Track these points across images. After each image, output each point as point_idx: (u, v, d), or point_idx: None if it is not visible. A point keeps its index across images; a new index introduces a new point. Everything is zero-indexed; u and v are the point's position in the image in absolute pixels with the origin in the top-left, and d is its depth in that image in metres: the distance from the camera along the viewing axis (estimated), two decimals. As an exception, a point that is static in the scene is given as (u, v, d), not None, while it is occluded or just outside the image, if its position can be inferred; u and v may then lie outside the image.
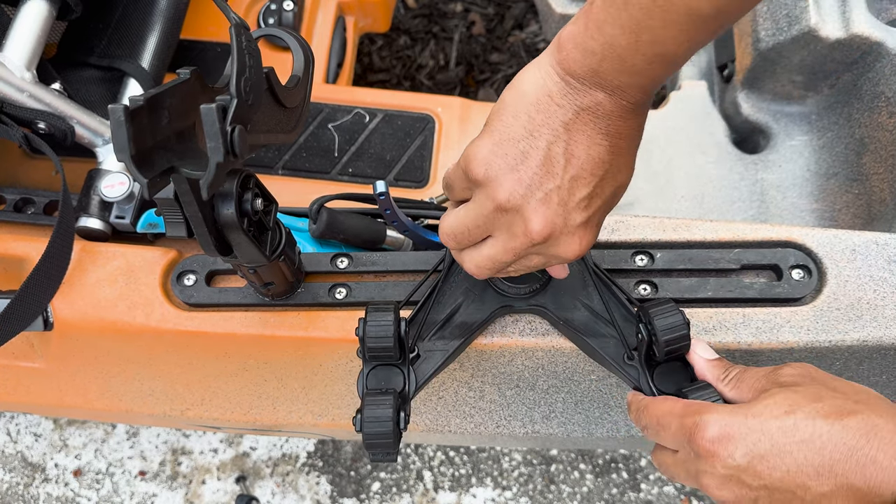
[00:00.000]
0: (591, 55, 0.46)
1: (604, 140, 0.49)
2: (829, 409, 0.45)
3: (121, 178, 0.79)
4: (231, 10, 0.50)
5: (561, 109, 0.48)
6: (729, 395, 0.54)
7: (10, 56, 0.74)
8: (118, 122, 0.41)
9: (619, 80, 0.47)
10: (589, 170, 0.49)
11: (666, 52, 0.45)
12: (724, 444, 0.47)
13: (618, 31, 0.45)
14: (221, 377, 0.80)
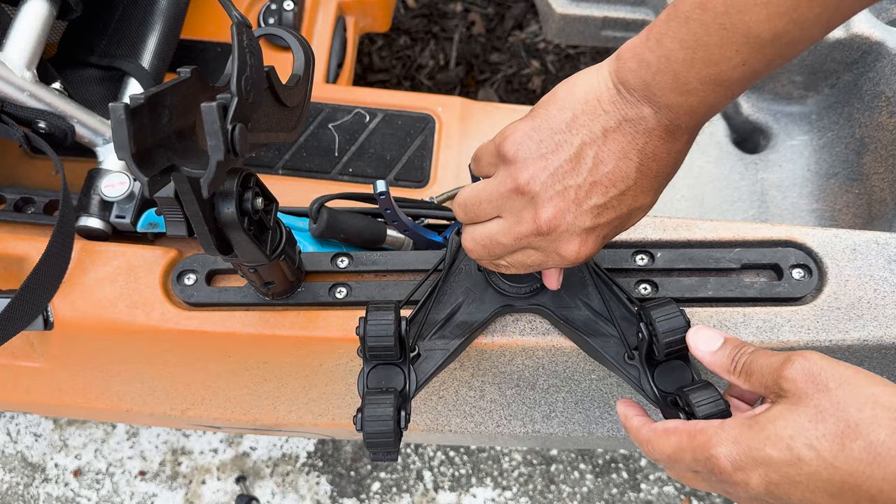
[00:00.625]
0: (646, 67, 0.47)
1: (636, 157, 0.49)
2: (833, 435, 0.44)
3: (121, 178, 0.79)
4: (234, 8, 0.50)
5: (605, 115, 0.49)
6: (741, 385, 0.53)
7: (10, 55, 0.74)
8: (119, 120, 0.41)
9: (668, 98, 0.47)
10: (611, 180, 0.50)
11: (720, 74, 0.45)
12: (739, 473, 0.47)
13: (676, 46, 0.45)
14: (222, 377, 0.80)
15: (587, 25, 1.30)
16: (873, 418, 0.44)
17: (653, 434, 0.55)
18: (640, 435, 0.56)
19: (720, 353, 0.55)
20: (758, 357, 0.52)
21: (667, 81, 0.47)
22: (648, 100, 0.48)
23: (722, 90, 0.47)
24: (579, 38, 1.35)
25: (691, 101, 0.47)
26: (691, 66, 0.45)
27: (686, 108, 0.47)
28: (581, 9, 1.28)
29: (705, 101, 0.47)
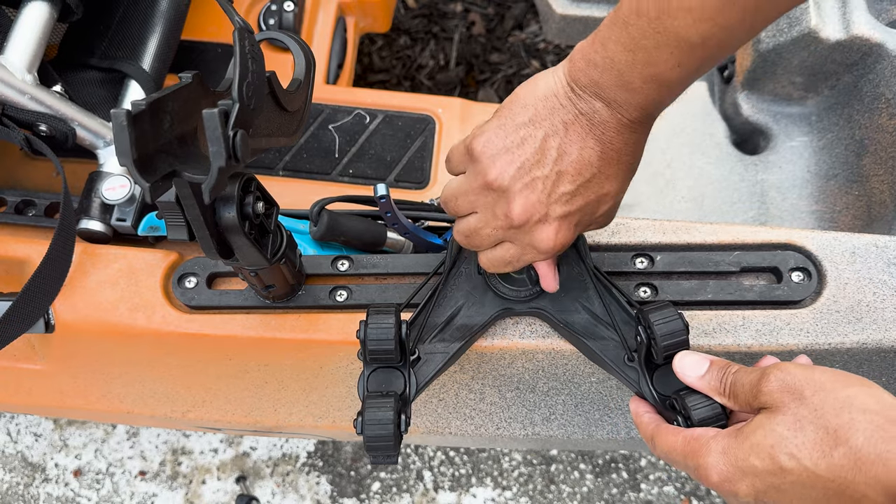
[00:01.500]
0: (593, 67, 0.51)
1: (596, 145, 0.52)
2: (812, 443, 0.45)
3: (122, 181, 0.79)
4: (235, 14, 0.50)
5: (563, 109, 0.52)
6: (732, 407, 0.54)
7: (11, 58, 0.74)
8: (120, 126, 0.41)
9: (616, 95, 0.51)
10: (576, 168, 0.52)
11: (659, 74, 0.49)
12: (727, 485, 0.48)
13: (618, 48, 0.49)
14: (222, 379, 0.80)
15: (587, 26, 1.30)
16: (851, 422, 0.44)
17: (657, 432, 0.57)
18: (647, 431, 0.58)
19: (707, 376, 0.56)
20: (740, 376, 0.53)
21: (612, 80, 0.50)
22: (598, 96, 0.51)
23: (664, 89, 0.50)
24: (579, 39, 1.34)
25: (637, 98, 0.50)
26: (633, 66, 0.49)
27: (634, 104, 0.51)
28: (581, 9, 1.28)
29: (649, 97, 0.50)
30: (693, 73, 0.50)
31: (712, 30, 0.46)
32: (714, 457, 0.49)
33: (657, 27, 0.47)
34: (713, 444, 0.50)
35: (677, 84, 0.50)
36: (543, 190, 0.53)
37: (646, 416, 0.60)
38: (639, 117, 0.52)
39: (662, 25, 0.46)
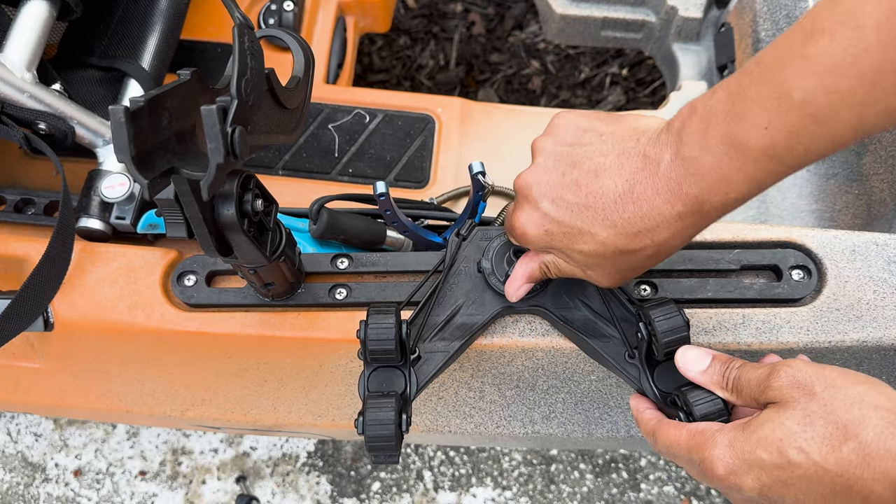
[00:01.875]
0: (690, 111, 0.47)
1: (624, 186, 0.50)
2: (822, 437, 0.44)
3: (121, 179, 0.79)
4: (236, 10, 0.50)
5: (635, 143, 0.51)
6: (735, 402, 0.54)
7: (10, 56, 0.74)
8: (119, 123, 0.41)
9: (688, 149, 0.46)
10: (591, 191, 0.51)
11: (738, 134, 0.44)
12: (733, 478, 0.48)
13: (723, 96, 0.45)
14: (222, 377, 0.80)
15: (587, 26, 1.30)
16: (861, 418, 0.44)
17: (658, 427, 0.56)
18: (649, 427, 0.58)
19: (710, 370, 0.56)
20: (745, 371, 0.53)
21: (697, 130, 0.46)
22: (674, 145, 0.48)
23: (736, 157, 0.44)
24: (579, 39, 1.34)
25: (704, 160, 0.45)
26: (723, 118, 0.44)
27: (696, 170, 0.46)
28: (581, 9, 1.28)
29: (716, 167, 0.45)
30: (772, 153, 0.43)
31: (816, 91, 0.40)
32: (720, 449, 0.49)
33: (765, 74, 0.42)
34: (719, 437, 0.49)
35: (751, 157, 0.44)
36: (553, 181, 0.53)
37: (647, 412, 0.60)
38: (689, 194, 0.47)
39: (770, 73, 0.42)
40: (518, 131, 1.05)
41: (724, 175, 0.45)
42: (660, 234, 0.50)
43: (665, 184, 0.48)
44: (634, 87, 1.83)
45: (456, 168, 1.01)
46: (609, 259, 0.53)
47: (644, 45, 1.34)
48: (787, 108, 0.41)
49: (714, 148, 0.45)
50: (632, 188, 0.49)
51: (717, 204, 0.47)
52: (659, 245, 0.51)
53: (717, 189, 0.46)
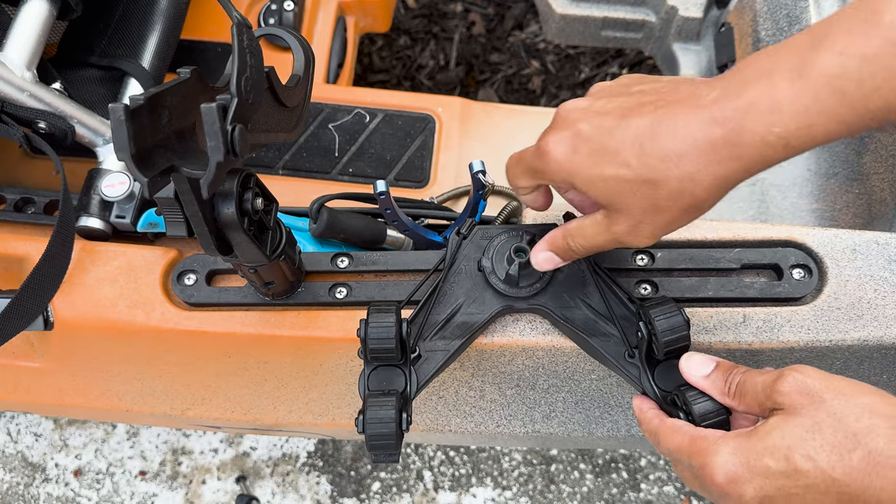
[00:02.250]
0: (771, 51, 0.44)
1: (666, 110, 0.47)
2: (831, 446, 0.43)
3: (121, 178, 0.79)
4: (234, 9, 0.50)
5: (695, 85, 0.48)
6: (737, 407, 0.53)
7: (10, 56, 0.74)
8: (118, 121, 0.41)
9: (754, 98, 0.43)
10: (631, 134, 0.48)
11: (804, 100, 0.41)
12: (733, 486, 0.47)
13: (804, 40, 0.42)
14: (222, 377, 0.80)
15: (587, 25, 1.30)
16: (871, 428, 0.43)
17: (661, 428, 0.55)
18: (651, 427, 0.57)
19: (713, 376, 0.55)
20: (750, 376, 0.52)
21: (757, 61, 0.43)
22: (727, 79, 0.45)
23: (795, 81, 0.41)
24: (579, 39, 1.34)
25: (756, 87, 0.42)
26: (794, 48, 0.41)
27: (743, 96, 0.43)
28: (581, 9, 1.28)
29: (767, 93, 0.42)
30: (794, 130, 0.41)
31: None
32: (723, 456, 0.47)
33: (858, 3, 0.39)
34: (721, 443, 0.48)
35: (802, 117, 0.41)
36: (597, 108, 0.50)
37: (649, 413, 0.59)
38: (729, 122, 0.43)
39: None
40: (518, 131, 1.05)
41: (774, 102, 0.42)
42: (687, 164, 0.45)
43: (707, 110, 0.45)
44: (634, 87, 1.82)
45: (456, 168, 1.01)
46: (631, 192, 0.48)
47: (644, 45, 1.34)
48: (872, 30, 0.38)
49: (772, 74, 0.42)
50: (671, 112, 0.46)
51: (758, 139, 0.42)
52: (684, 179, 0.46)
53: (763, 119, 0.42)
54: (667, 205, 0.48)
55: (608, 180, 0.48)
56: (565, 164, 0.50)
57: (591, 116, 0.50)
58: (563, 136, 0.50)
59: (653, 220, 0.49)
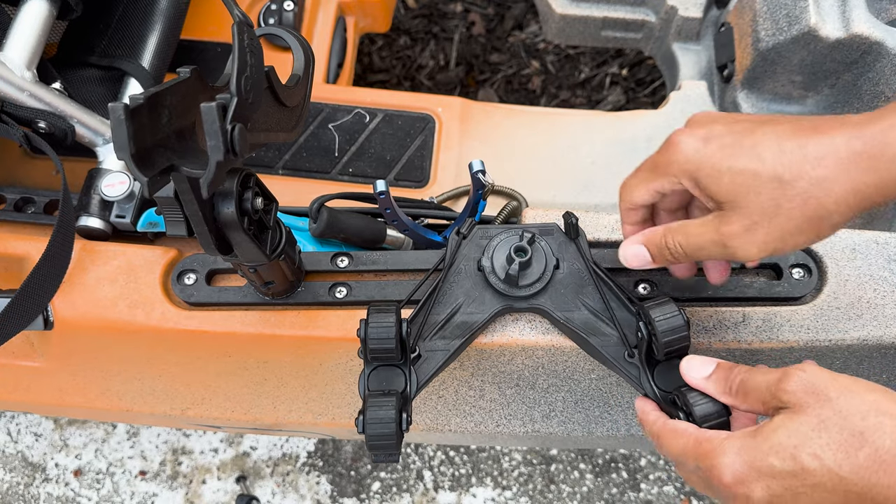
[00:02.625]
0: None
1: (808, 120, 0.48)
2: (837, 444, 0.43)
3: (121, 178, 0.79)
4: (236, 7, 0.50)
5: None
6: (739, 406, 0.53)
7: (10, 55, 0.74)
8: (118, 120, 0.41)
9: None
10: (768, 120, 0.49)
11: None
12: (741, 486, 0.46)
13: None
14: (222, 376, 0.80)
15: (587, 25, 1.30)
16: (878, 425, 0.43)
17: (663, 431, 0.55)
18: (653, 429, 0.57)
19: (714, 377, 0.55)
20: (753, 375, 0.52)
21: None
22: (877, 111, 0.46)
23: None
24: (579, 39, 1.34)
25: None
26: None
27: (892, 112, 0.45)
28: (581, 9, 1.28)
29: None
30: None
31: None
32: (729, 457, 0.47)
33: None
34: (727, 444, 0.48)
35: None
36: (728, 117, 0.52)
37: (652, 415, 0.59)
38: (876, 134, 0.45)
39: None
40: (518, 131, 1.05)
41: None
42: (824, 167, 0.45)
43: (850, 127, 0.45)
44: (634, 87, 1.83)
45: (456, 167, 1.01)
46: (756, 189, 0.47)
47: (644, 45, 1.34)
48: None
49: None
50: (813, 124, 0.47)
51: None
52: (816, 182, 0.45)
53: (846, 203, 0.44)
54: (789, 207, 0.46)
55: (737, 173, 0.48)
56: (693, 155, 0.50)
57: (726, 121, 0.51)
58: (694, 131, 0.51)
59: (769, 223, 0.48)
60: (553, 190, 1.02)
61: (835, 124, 0.46)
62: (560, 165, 1.04)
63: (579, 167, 1.04)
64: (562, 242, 0.70)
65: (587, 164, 1.04)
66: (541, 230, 0.71)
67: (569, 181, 1.03)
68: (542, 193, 1.02)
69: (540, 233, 0.70)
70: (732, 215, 0.49)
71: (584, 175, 1.04)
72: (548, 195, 1.02)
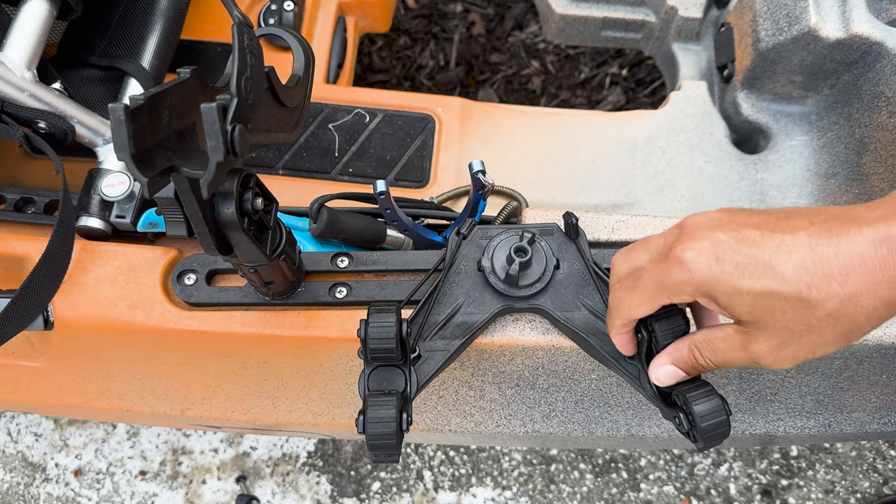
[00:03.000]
0: None
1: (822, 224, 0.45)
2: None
3: (121, 178, 0.79)
4: (236, 7, 0.50)
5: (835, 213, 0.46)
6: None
7: (10, 55, 0.74)
8: (118, 120, 0.41)
9: None
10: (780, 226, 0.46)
11: None
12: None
13: None
14: (222, 376, 0.80)
15: (587, 26, 1.30)
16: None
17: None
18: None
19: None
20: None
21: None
22: (891, 202, 0.43)
23: None
24: (579, 39, 1.35)
25: None
26: None
27: None
28: (581, 9, 1.28)
29: None
30: None
31: None
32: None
33: None
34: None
35: None
36: (729, 220, 0.48)
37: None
38: None
39: None
40: (518, 131, 1.05)
41: None
42: (852, 283, 0.42)
43: (872, 229, 0.42)
44: (634, 87, 1.83)
45: (456, 168, 1.01)
46: (782, 310, 0.45)
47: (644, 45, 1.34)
48: None
49: None
50: (829, 228, 0.43)
51: None
52: (846, 300, 0.43)
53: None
54: (820, 327, 0.44)
55: (758, 296, 0.45)
56: (706, 275, 0.46)
57: (730, 227, 0.47)
58: (701, 245, 0.47)
59: (799, 342, 0.45)
60: (553, 190, 1.02)
61: (850, 226, 0.43)
62: (560, 165, 1.04)
63: (579, 167, 1.04)
64: (562, 242, 0.71)
65: (587, 164, 1.04)
66: (541, 230, 0.71)
67: (569, 181, 1.03)
68: (542, 193, 1.02)
69: (540, 233, 0.70)
70: (759, 335, 0.47)
71: (584, 175, 1.04)
72: (548, 195, 1.02)
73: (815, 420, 0.81)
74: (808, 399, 0.79)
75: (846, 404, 0.81)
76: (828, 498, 1.55)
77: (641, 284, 0.51)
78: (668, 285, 0.49)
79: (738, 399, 0.78)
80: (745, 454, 1.59)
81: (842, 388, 0.78)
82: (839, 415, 0.82)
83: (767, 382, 0.77)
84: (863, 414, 0.82)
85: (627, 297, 0.53)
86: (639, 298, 0.52)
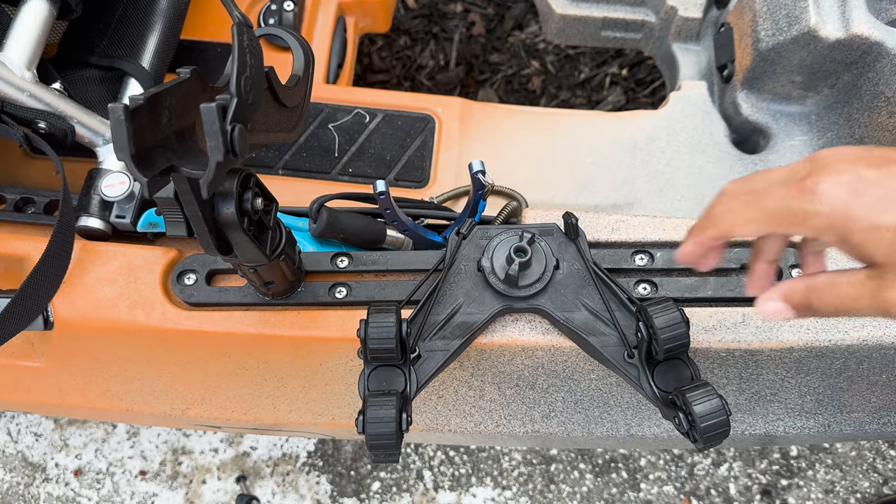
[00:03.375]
0: None
1: None
2: None
3: (121, 178, 0.79)
4: (235, 8, 0.50)
5: None
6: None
7: (10, 56, 0.74)
8: (118, 120, 0.41)
9: None
10: None
11: None
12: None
13: None
14: (222, 376, 0.80)
15: (587, 26, 1.30)
16: None
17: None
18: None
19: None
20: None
21: None
22: None
23: None
24: (579, 39, 1.35)
25: None
26: None
27: None
28: (581, 9, 1.28)
29: None
30: None
31: None
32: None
33: None
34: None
35: None
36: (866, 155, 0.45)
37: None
38: None
39: None
40: (518, 131, 1.05)
41: None
42: None
43: None
44: (634, 88, 1.83)
45: (456, 168, 1.01)
46: None
47: (644, 45, 1.34)
48: None
49: None
50: None
51: None
52: None
53: None
54: None
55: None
56: (842, 209, 0.43)
57: (872, 161, 0.44)
58: (839, 178, 0.43)
59: None
60: (553, 190, 1.02)
61: None
62: (560, 165, 1.04)
63: (579, 167, 1.04)
64: (562, 243, 0.71)
65: (587, 165, 1.04)
66: (541, 230, 0.71)
67: (569, 181, 1.03)
68: (542, 193, 1.02)
69: (540, 233, 0.70)
70: (891, 277, 0.43)
71: (583, 175, 1.04)
72: (548, 195, 1.02)
73: (815, 420, 0.81)
74: (807, 399, 0.79)
75: (846, 404, 0.81)
76: (828, 498, 1.55)
77: (762, 202, 0.46)
78: (796, 212, 0.44)
79: (738, 399, 0.78)
80: (744, 454, 1.59)
81: (841, 388, 0.78)
82: (839, 415, 0.82)
83: (767, 382, 0.77)
84: (862, 414, 0.82)
85: (739, 209, 0.48)
86: (754, 214, 0.47)
